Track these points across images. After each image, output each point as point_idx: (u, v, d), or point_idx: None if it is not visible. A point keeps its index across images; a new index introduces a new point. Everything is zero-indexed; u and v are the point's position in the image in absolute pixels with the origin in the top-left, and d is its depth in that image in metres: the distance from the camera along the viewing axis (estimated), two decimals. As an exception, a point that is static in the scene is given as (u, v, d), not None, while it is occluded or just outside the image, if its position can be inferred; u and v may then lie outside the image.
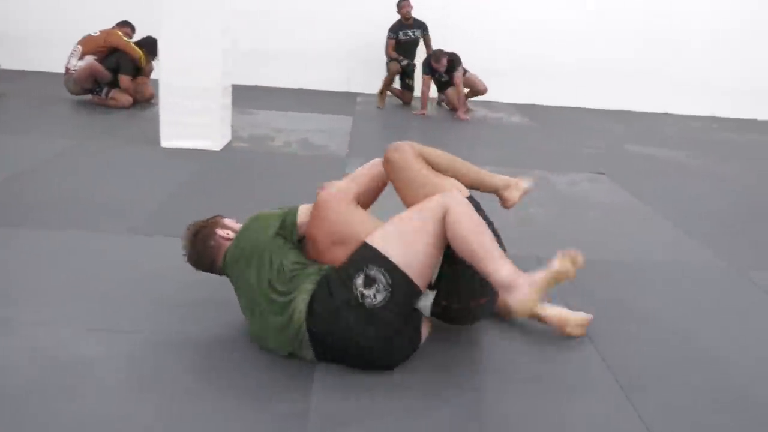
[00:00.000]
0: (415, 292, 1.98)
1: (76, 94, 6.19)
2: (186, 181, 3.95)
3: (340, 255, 2.02)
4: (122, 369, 1.98)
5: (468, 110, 7.15)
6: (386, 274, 1.91)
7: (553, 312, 2.35)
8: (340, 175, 4.38)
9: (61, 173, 3.99)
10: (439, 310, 2.15)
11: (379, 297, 1.90)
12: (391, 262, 1.92)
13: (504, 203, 2.42)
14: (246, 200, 3.53)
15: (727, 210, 4.24)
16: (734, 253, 3.36)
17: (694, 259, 3.30)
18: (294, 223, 2.12)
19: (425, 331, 2.15)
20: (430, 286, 2.09)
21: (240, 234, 2.13)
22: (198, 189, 3.86)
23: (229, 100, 4.97)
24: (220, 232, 2.18)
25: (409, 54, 7.46)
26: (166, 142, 4.74)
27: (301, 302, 1.94)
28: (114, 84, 6.09)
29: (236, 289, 2.13)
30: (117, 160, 4.38)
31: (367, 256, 1.95)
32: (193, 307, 2.36)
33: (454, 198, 2.02)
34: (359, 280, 1.92)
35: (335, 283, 1.94)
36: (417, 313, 2.09)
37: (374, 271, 1.91)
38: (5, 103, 5.97)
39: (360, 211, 2.14)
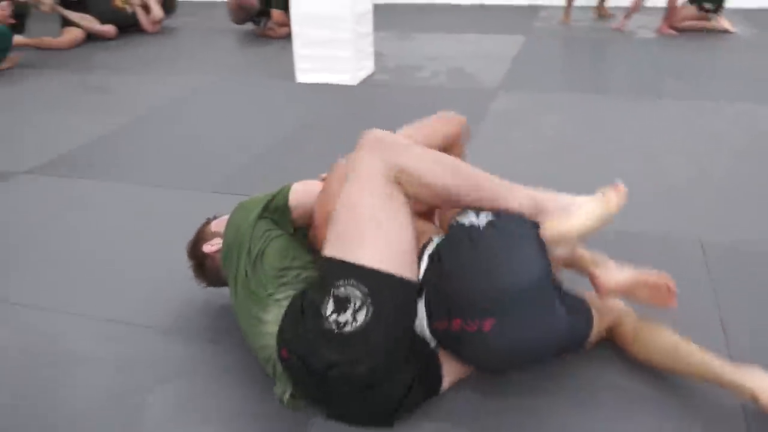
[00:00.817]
0: (405, 285, 1.40)
1: (238, 24, 6.14)
2: (300, 126, 3.59)
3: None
4: (131, 366, 1.71)
5: (694, 25, 5.72)
6: (359, 284, 1.36)
7: None
8: (483, 112, 3.74)
9: (184, 114, 3.87)
10: (443, 339, 1.49)
11: (361, 317, 1.35)
12: (359, 266, 1.38)
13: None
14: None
15: None
16: None
17: None
18: (283, 205, 1.72)
19: (452, 374, 1.58)
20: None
21: (225, 231, 1.74)
22: (310, 135, 3.48)
23: (368, 27, 4.46)
24: (208, 248, 1.81)
25: None
26: (301, 77, 4.42)
27: (272, 324, 1.50)
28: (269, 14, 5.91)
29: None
30: (245, 98, 4.15)
31: (329, 272, 1.41)
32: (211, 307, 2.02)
33: (382, 142, 1.47)
34: (328, 307, 1.38)
35: (308, 305, 1.43)
36: (424, 343, 1.51)
37: (343, 288, 1.37)
38: (173, 38, 6.08)
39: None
